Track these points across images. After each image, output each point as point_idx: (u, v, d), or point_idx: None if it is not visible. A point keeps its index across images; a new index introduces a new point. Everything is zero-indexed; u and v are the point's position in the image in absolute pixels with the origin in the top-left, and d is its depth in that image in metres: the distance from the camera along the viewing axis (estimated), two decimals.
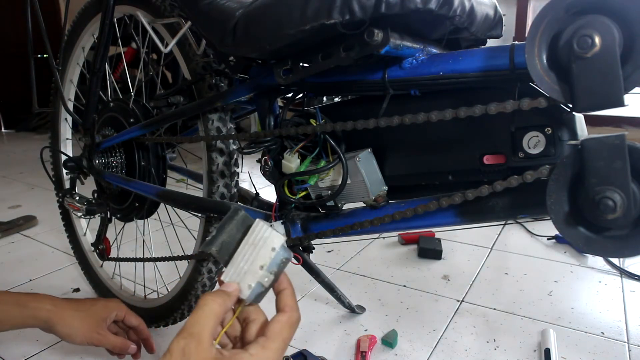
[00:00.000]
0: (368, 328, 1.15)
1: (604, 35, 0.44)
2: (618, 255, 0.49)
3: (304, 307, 1.26)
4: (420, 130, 0.66)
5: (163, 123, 0.93)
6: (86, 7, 1.17)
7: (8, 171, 3.03)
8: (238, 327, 0.53)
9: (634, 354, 1.02)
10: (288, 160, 0.70)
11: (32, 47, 1.17)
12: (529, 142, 0.58)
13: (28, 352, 1.10)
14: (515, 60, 0.54)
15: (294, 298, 0.51)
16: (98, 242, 1.18)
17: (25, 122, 4.65)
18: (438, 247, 1.53)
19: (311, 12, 0.55)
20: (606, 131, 1.58)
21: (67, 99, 1.29)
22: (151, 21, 0.98)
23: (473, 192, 0.56)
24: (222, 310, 0.47)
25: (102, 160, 1.06)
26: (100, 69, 1.01)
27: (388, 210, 0.67)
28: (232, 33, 0.66)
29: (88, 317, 0.86)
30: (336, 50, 0.59)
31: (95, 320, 0.86)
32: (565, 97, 0.48)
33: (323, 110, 0.73)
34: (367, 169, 0.67)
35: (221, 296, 0.48)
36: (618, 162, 0.45)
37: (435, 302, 1.26)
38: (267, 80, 0.73)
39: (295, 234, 0.75)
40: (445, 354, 1.04)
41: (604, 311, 1.19)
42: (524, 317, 1.17)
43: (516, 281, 1.36)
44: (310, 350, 1.04)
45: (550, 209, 0.50)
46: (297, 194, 0.73)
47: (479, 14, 0.64)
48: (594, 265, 1.44)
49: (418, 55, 0.61)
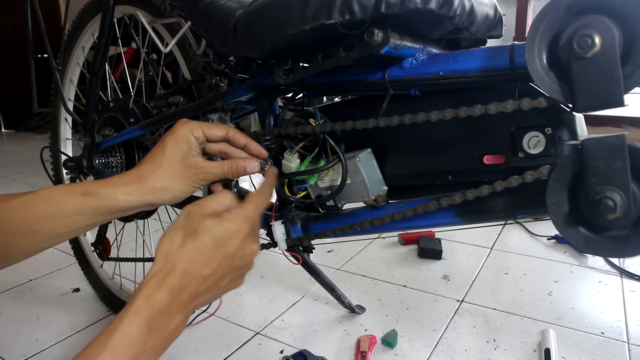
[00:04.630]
0: (368, 328, 1.15)
1: (604, 35, 0.44)
2: (618, 255, 0.49)
3: (304, 307, 1.26)
4: (421, 130, 0.66)
5: (163, 123, 0.93)
6: (86, 7, 1.17)
7: (8, 171, 3.03)
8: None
9: (634, 354, 1.02)
10: (288, 160, 0.70)
11: (32, 47, 1.17)
12: (529, 142, 0.58)
13: (28, 352, 1.10)
14: (515, 60, 0.54)
15: (271, 188, 0.62)
16: (98, 242, 1.18)
17: (25, 122, 4.65)
18: (438, 247, 1.53)
19: (311, 12, 0.55)
20: (606, 131, 1.58)
21: (67, 99, 1.29)
22: (151, 21, 0.98)
23: (473, 192, 0.56)
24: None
25: (102, 160, 1.06)
26: (100, 69, 1.01)
27: (388, 210, 0.67)
28: (232, 33, 0.65)
29: (170, 166, 0.61)
30: (336, 50, 0.59)
31: (179, 163, 0.61)
32: (565, 97, 0.48)
33: (323, 110, 0.73)
34: (367, 168, 0.67)
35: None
36: (618, 162, 0.45)
37: (435, 302, 1.26)
38: (267, 80, 0.73)
39: (295, 234, 0.75)
40: (445, 354, 1.04)
41: (604, 311, 1.19)
42: (524, 317, 1.17)
43: (516, 281, 1.36)
44: (310, 350, 1.04)
45: (550, 209, 0.50)
46: (297, 194, 0.73)
47: (479, 14, 0.64)
48: (594, 265, 1.44)
49: (418, 55, 0.61)
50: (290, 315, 1.22)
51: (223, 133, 0.65)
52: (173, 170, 0.61)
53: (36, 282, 1.47)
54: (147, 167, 0.61)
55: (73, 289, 1.41)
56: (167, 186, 0.61)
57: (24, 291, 1.42)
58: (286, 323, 1.19)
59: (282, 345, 1.10)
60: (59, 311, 1.29)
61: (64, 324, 1.23)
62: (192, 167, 0.61)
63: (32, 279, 1.48)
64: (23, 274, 1.50)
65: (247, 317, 1.22)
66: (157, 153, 0.62)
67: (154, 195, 0.61)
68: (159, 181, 0.60)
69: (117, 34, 1.09)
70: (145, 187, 0.60)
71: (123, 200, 0.60)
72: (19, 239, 0.57)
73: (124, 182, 0.60)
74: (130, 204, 0.60)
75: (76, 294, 1.39)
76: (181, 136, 0.61)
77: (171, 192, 0.61)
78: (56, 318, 1.26)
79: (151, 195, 0.61)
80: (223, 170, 0.62)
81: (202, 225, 0.50)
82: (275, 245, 0.75)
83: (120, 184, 0.60)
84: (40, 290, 1.42)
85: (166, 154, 0.61)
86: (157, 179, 0.60)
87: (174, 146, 0.61)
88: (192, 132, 0.62)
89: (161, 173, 0.61)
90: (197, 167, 0.62)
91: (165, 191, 0.61)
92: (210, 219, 0.51)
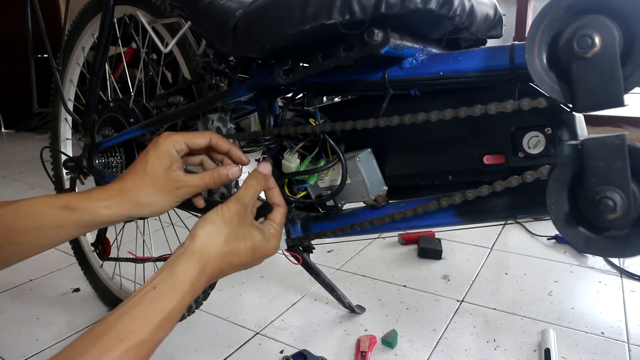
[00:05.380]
0: (368, 328, 1.15)
1: (604, 35, 0.44)
2: (618, 255, 0.49)
3: (304, 307, 1.26)
4: (421, 130, 0.66)
5: (163, 123, 0.93)
6: (86, 7, 1.17)
7: (8, 171, 3.03)
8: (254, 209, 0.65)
9: (634, 354, 1.02)
10: (288, 160, 0.70)
11: (32, 47, 1.17)
12: (529, 142, 0.58)
13: (28, 352, 1.10)
14: (515, 60, 0.54)
15: (281, 194, 0.67)
16: (98, 242, 1.18)
17: (25, 122, 4.66)
18: (438, 247, 1.53)
19: (311, 12, 0.55)
20: (606, 131, 1.58)
21: (67, 99, 1.29)
22: (151, 21, 0.98)
23: (473, 192, 0.56)
24: (260, 189, 0.63)
25: (102, 160, 1.06)
26: (100, 69, 1.01)
27: (388, 210, 0.67)
28: (232, 33, 0.65)
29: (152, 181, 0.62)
30: (336, 50, 0.59)
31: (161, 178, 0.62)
32: (565, 97, 0.48)
33: (323, 110, 0.73)
34: (367, 168, 0.67)
35: (261, 179, 0.63)
36: (618, 162, 0.45)
37: (435, 302, 1.26)
38: (267, 80, 0.73)
39: (295, 233, 0.75)
40: (445, 354, 1.04)
41: (604, 311, 1.19)
42: (524, 317, 1.17)
43: (516, 281, 1.36)
44: (310, 350, 1.04)
45: (550, 209, 0.50)
46: (297, 194, 0.73)
47: (479, 14, 0.64)
48: (594, 265, 1.44)
49: (418, 55, 0.61)
50: (290, 315, 1.22)
51: (206, 141, 0.65)
52: (155, 186, 0.61)
53: (36, 282, 1.47)
54: (129, 182, 0.62)
55: (73, 289, 1.41)
56: (148, 201, 0.62)
57: (24, 291, 1.42)
58: (286, 323, 1.19)
59: (282, 345, 1.10)
60: (59, 311, 1.29)
61: (64, 324, 1.23)
62: (173, 181, 0.62)
63: (32, 279, 1.48)
64: (23, 274, 1.50)
65: (247, 317, 1.22)
66: (139, 168, 0.62)
67: (135, 209, 0.62)
68: (141, 196, 0.61)
69: (117, 34, 1.09)
70: (126, 201, 0.61)
71: (104, 215, 0.61)
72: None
73: (106, 196, 0.61)
74: (110, 218, 0.62)
75: (76, 294, 1.39)
76: (163, 150, 0.62)
77: (152, 206, 0.62)
78: (56, 318, 1.26)
79: (132, 210, 0.62)
80: (205, 182, 0.63)
81: (250, 235, 0.59)
82: None
83: (101, 199, 0.61)
84: (40, 290, 1.42)
85: (147, 169, 0.61)
86: (139, 194, 0.61)
87: (156, 161, 0.62)
88: (174, 146, 0.62)
89: (143, 189, 0.61)
90: (178, 182, 0.62)
91: (146, 206, 0.62)
92: (257, 232, 0.60)
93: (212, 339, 1.13)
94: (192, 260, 0.53)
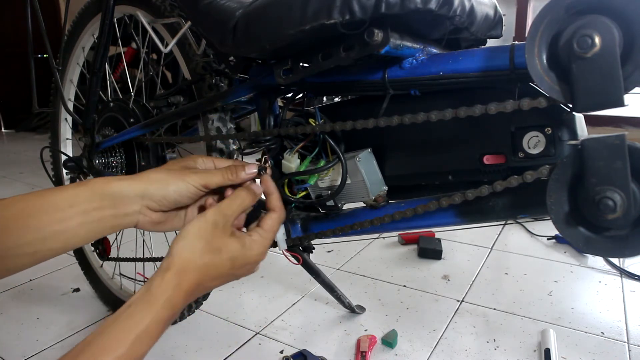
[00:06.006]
0: (368, 328, 1.15)
1: (604, 35, 0.44)
2: (618, 255, 0.49)
3: (304, 307, 1.26)
4: (421, 130, 0.66)
5: (163, 123, 0.93)
6: (86, 7, 1.17)
7: (8, 171, 3.03)
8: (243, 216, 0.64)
9: (634, 354, 1.02)
10: (288, 160, 0.70)
11: (32, 47, 1.17)
12: (529, 142, 0.58)
13: (28, 352, 1.10)
14: (515, 60, 0.54)
15: (280, 200, 0.64)
16: (98, 242, 1.18)
17: (25, 122, 4.66)
18: (438, 247, 1.53)
19: (311, 12, 0.55)
20: (606, 131, 1.58)
21: (67, 99, 1.29)
22: (151, 21, 0.98)
23: (473, 192, 0.56)
24: (248, 204, 0.61)
25: (102, 160, 1.06)
26: (100, 69, 1.01)
27: (388, 210, 0.67)
28: (232, 33, 0.65)
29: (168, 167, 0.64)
30: (336, 50, 0.59)
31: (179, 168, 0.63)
32: (565, 97, 0.48)
33: (323, 110, 0.73)
34: (367, 168, 0.67)
35: (250, 194, 0.61)
36: (618, 162, 0.45)
37: (435, 302, 1.26)
38: (267, 80, 0.73)
39: (295, 233, 0.75)
40: (445, 354, 1.04)
41: (604, 311, 1.19)
42: (524, 317, 1.17)
43: (516, 281, 1.36)
44: (310, 350, 1.04)
45: (550, 209, 0.50)
46: (297, 194, 0.73)
47: (479, 14, 0.64)
48: (594, 265, 1.44)
49: (418, 55, 0.61)
50: (290, 315, 1.22)
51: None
52: (172, 170, 0.62)
53: (36, 282, 1.47)
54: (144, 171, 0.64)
55: (73, 289, 1.41)
56: (163, 178, 0.61)
57: (24, 291, 1.42)
58: (286, 323, 1.19)
59: (282, 345, 1.10)
60: (59, 311, 1.29)
61: (64, 324, 1.23)
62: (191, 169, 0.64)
63: (32, 279, 1.48)
64: (23, 274, 1.50)
65: (247, 317, 1.22)
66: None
67: (149, 183, 0.61)
68: (156, 173, 0.62)
69: (117, 34, 1.09)
70: (140, 177, 0.61)
71: (116, 185, 0.60)
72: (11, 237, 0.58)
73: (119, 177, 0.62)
74: (122, 188, 0.60)
75: (76, 294, 1.39)
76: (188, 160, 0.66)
77: (167, 185, 0.61)
78: (56, 318, 1.26)
79: (147, 183, 0.61)
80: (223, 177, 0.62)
81: (226, 246, 0.56)
82: (275, 245, 0.75)
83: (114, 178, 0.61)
84: (40, 290, 1.42)
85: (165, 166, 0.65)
86: (154, 172, 0.62)
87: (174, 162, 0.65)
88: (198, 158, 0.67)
89: (159, 169, 0.63)
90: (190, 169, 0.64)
91: (161, 182, 0.61)
92: (234, 242, 0.57)
93: (212, 339, 1.13)
94: (166, 275, 0.52)
